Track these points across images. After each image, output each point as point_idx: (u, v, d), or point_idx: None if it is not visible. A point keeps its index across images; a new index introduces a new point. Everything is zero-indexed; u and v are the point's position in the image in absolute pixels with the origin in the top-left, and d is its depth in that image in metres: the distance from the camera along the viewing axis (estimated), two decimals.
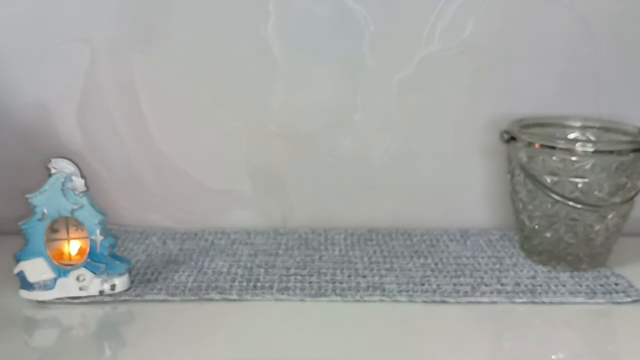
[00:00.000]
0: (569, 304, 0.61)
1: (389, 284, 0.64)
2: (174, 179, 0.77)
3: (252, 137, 0.76)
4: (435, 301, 0.61)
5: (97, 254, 0.60)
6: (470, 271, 0.67)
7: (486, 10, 0.72)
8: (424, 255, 0.71)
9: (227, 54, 0.74)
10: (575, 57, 0.74)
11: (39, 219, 0.59)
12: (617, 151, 0.63)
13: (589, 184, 0.64)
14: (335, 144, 0.77)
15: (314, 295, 0.62)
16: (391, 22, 0.73)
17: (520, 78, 0.75)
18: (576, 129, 0.72)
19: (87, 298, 0.61)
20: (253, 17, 0.73)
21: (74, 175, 0.59)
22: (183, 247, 0.73)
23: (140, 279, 0.65)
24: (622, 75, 0.74)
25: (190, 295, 0.62)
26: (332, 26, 0.73)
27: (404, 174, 0.78)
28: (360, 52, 0.74)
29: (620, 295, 0.62)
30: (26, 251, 0.60)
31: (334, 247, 0.73)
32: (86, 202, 0.59)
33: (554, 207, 0.65)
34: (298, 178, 0.78)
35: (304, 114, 0.76)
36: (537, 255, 0.69)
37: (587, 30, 0.73)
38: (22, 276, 0.60)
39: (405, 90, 0.75)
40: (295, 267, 0.68)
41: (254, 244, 0.74)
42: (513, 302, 0.61)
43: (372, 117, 0.76)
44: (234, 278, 0.65)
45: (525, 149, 0.66)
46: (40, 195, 0.59)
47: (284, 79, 0.75)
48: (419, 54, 0.74)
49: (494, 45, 0.74)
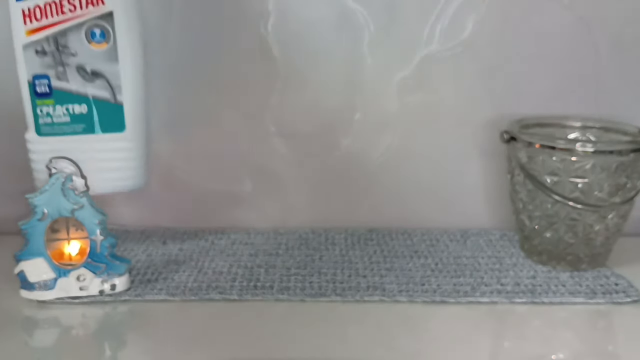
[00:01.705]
0: (568, 304, 0.61)
1: (389, 284, 0.64)
2: (174, 179, 0.77)
3: (252, 137, 0.77)
4: (435, 301, 0.61)
5: (97, 254, 0.60)
6: (470, 271, 0.67)
7: (486, 11, 0.72)
8: (424, 255, 0.71)
9: (227, 53, 0.74)
10: (575, 57, 0.74)
11: (39, 219, 0.59)
12: (617, 151, 0.63)
13: (589, 184, 0.64)
14: (335, 144, 0.77)
15: (314, 295, 0.62)
16: (391, 22, 0.73)
17: (520, 78, 0.75)
18: (576, 129, 0.72)
19: (87, 298, 0.61)
20: (253, 16, 0.73)
21: (74, 175, 0.59)
22: (183, 247, 0.73)
23: (141, 279, 0.65)
24: (622, 75, 0.74)
25: (190, 295, 0.62)
26: (332, 26, 0.73)
27: (404, 174, 0.78)
28: (360, 52, 0.74)
29: (620, 296, 0.62)
30: (26, 251, 0.60)
31: (334, 247, 0.73)
32: (86, 202, 0.59)
33: (554, 207, 0.65)
34: (298, 178, 0.78)
35: (304, 114, 0.76)
36: (537, 255, 0.69)
37: (587, 30, 0.73)
38: (22, 276, 0.60)
39: (405, 90, 0.75)
40: (295, 267, 0.68)
41: (254, 244, 0.74)
42: (513, 302, 0.61)
43: (372, 117, 0.76)
44: (234, 278, 0.65)
45: (525, 149, 0.66)
46: (41, 195, 0.59)
47: (284, 79, 0.75)
48: (419, 53, 0.74)
49: (494, 45, 0.74)
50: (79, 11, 0.61)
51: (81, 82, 0.63)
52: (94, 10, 0.61)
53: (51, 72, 0.62)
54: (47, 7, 0.60)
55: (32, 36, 0.61)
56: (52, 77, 0.62)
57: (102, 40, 0.62)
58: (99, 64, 0.63)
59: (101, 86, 0.63)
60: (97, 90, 0.63)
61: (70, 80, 0.63)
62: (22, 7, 0.60)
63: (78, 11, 0.61)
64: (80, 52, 0.62)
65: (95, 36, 0.62)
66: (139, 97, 0.65)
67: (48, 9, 0.60)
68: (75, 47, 0.62)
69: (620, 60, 0.74)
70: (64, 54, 0.61)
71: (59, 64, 0.62)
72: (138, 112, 0.65)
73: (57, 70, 0.62)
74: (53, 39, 0.61)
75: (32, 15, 0.60)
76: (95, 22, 0.61)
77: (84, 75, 0.62)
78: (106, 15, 0.62)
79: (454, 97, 0.75)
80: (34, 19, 0.60)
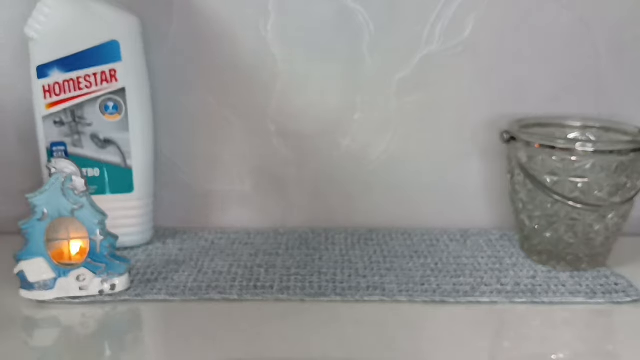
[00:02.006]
0: (568, 303, 0.61)
1: (389, 283, 0.64)
2: (174, 179, 0.78)
3: (252, 137, 0.77)
4: (435, 301, 0.61)
5: (97, 254, 0.60)
6: (470, 271, 0.67)
7: (486, 10, 0.73)
8: (424, 255, 0.71)
9: (227, 53, 0.74)
10: (574, 57, 0.74)
11: (39, 218, 0.59)
12: (617, 151, 0.63)
13: (589, 183, 0.64)
14: (335, 143, 0.77)
15: (314, 295, 0.62)
16: (391, 22, 0.73)
17: (520, 78, 0.75)
18: (576, 128, 0.72)
19: (87, 298, 0.61)
20: (253, 16, 0.73)
21: (74, 175, 0.59)
22: (183, 247, 0.73)
23: (140, 278, 0.65)
24: (622, 75, 0.75)
25: (190, 295, 0.62)
26: (332, 26, 0.73)
27: (403, 174, 0.78)
28: (360, 51, 0.74)
29: (620, 295, 0.62)
30: (26, 251, 0.60)
31: (334, 247, 0.73)
32: (86, 202, 0.59)
33: (553, 207, 0.65)
34: (298, 178, 0.78)
35: (303, 114, 0.76)
36: (537, 255, 0.69)
37: (586, 30, 0.73)
38: (22, 276, 0.60)
39: (405, 90, 0.75)
40: (295, 267, 0.68)
41: (254, 243, 0.74)
42: (513, 301, 0.61)
43: (371, 117, 0.76)
44: (234, 278, 0.65)
45: (525, 148, 0.66)
46: (40, 195, 0.59)
47: (284, 79, 0.75)
48: (418, 53, 0.74)
49: (493, 45, 0.74)
50: (94, 87, 0.67)
51: (95, 149, 0.68)
52: (108, 87, 0.67)
53: (68, 140, 0.68)
54: (65, 83, 0.66)
55: (51, 109, 0.67)
56: (68, 144, 0.68)
57: (114, 112, 0.67)
58: (111, 133, 0.68)
59: (113, 152, 0.69)
60: (109, 156, 0.69)
61: (84, 147, 0.68)
62: (42, 83, 0.66)
63: (93, 87, 0.67)
64: (95, 122, 0.68)
65: (108, 109, 0.67)
66: (147, 161, 0.71)
67: (66, 85, 0.66)
68: (90, 118, 0.68)
69: (620, 60, 0.74)
70: (80, 124, 0.67)
71: (75, 133, 0.67)
72: (146, 174, 0.71)
73: (73, 139, 0.67)
74: (70, 111, 0.67)
75: (51, 90, 0.66)
76: (109, 96, 0.67)
77: (97, 143, 0.68)
78: (119, 91, 0.67)
79: (454, 97, 0.75)
80: (54, 94, 0.66)
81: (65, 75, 0.66)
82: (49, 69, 0.66)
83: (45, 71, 0.66)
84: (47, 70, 0.66)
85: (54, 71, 0.66)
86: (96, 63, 0.66)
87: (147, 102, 0.71)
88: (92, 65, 0.66)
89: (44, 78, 0.66)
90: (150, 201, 0.73)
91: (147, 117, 0.71)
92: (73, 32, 0.65)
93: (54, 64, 0.66)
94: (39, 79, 0.66)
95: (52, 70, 0.66)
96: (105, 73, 0.66)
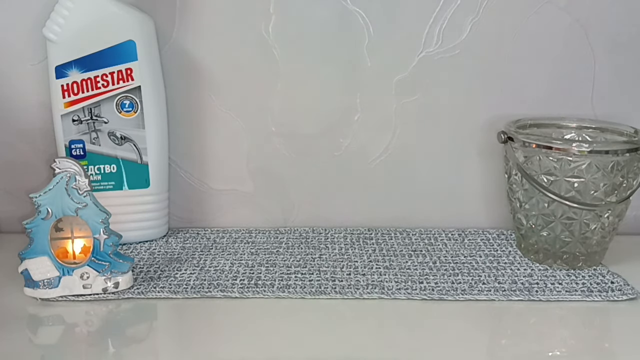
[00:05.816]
0: (565, 301, 0.62)
1: (388, 282, 0.65)
2: (177, 179, 0.78)
3: (253, 138, 0.77)
4: (434, 299, 0.62)
5: (100, 253, 0.61)
6: (468, 269, 0.68)
7: (484, 13, 0.73)
8: (422, 253, 0.72)
9: (228, 54, 0.74)
10: (571, 59, 0.75)
11: (43, 218, 0.60)
12: (612, 151, 0.64)
13: (585, 183, 0.64)
14: (335, 144, 0.77)
15: (314, 293, 0.63)
16: (390, 24, 0.74)
17: (518, 79, 0.75)
18: (572, 129, 0.73)
19: (90, 296, 0.62)
20: (254, 18, 0.73)
21: (77, 175, 0.60)
22: (185, 246, 0.74)
23: (144, 277, 0.66)
24: (618, 76, 0.75)
25: (192, 293, 0.62)
26: (332, 28, 0.74)
27: (403, 174, 0.78)
28: (360, 53, 0.74)
29: (616, 294, 0.63)
30: (31, 250, 0.60)
31: (334, 245, 0.74)
32: (90, 201, 0.60)
33: (550, 207, 0.66)
34: (298, 178, 0.78)
35: (304, 115, 0.77)
36: (534, 253, 0.70)
37: (583, 32, 0.74)
38: (26, 274, 0.61)
39: (404, 91, 0.76)
40: (295, 266, 0.68)
41: (255, 242, 0.75)
42: (510, 300, 0.62)
43: (371, 117, 0.77)
44: (235, 276, 0.66)
45: (522, 149, 0.67)
46: (45, 194, 0.60)
47: (285, 80, 0.75)
48: (417, 55, 0.74)
49: (491, 46, 0.74)
50: (111, 86, 0.69)
51: (112, 146, 0.71)
52: (124, 85, 0.69)
53: (86, 138, 0.70)
54: (83, 83, 0.68)
55: (70, 108, 0.69)
56: (86, 142, 0.70)
57: (130, 110, 0.69)
58: (127, 130, 0.70)
59: (129, 149, 0.71)
60: (126, 153, 0.71)
61: (102, 144, 0.70)
62: (61, 83, 0.68)
63: (110, 86, 0.69)
64: (112, 120, 0.70)
65: (124, 107, 0.69)
66: (162, 157, 0.73)
67: (84, 84, 0.68)
68: (107, 116, 0.70)
69: (616, 61, 0.75)
70: (97, 122, 0.69)
71: (92, 131, 0.69)
72: (161, 170, 0.73)
73: (91, 136, 0.69)
74: (88, 109, 0.69)
75: (70, 90, 0.68)
76: (125, 94, 0.69)
77: (114, 140, 0.70)
78: (134, 89, 0.69)
79: (452, 98, 0.76)
80: (72, 93, 0.68)
81: (83, 75, 0.68)
82: (67, 69, 0.67)
83: (63, 71, 0.67)
84: (65, 70, 0.67)
85: (72, 71, 0.67)
86: (113, 63, 0.68)
87: (161, 99, 0.72)
88: (109, 65, 0.68)
89: (62, 78, 0.67)
90: (165, 196, 0.75)
91: (162, 115, 0.73)
92: (91, 33, 0.67)
93: (72, 64, 0.67)
94: (57, 79, 0.68)
95: (70, 70, 0.67)
96: (121, 72, 0.68)
